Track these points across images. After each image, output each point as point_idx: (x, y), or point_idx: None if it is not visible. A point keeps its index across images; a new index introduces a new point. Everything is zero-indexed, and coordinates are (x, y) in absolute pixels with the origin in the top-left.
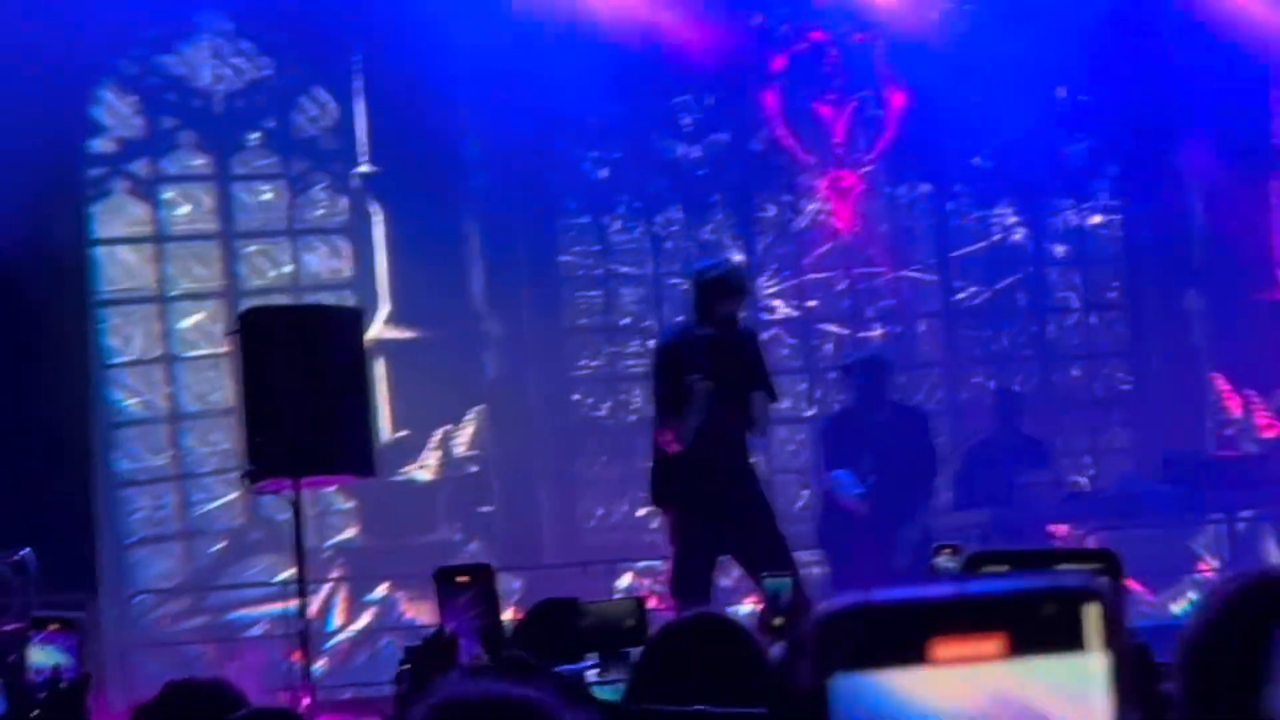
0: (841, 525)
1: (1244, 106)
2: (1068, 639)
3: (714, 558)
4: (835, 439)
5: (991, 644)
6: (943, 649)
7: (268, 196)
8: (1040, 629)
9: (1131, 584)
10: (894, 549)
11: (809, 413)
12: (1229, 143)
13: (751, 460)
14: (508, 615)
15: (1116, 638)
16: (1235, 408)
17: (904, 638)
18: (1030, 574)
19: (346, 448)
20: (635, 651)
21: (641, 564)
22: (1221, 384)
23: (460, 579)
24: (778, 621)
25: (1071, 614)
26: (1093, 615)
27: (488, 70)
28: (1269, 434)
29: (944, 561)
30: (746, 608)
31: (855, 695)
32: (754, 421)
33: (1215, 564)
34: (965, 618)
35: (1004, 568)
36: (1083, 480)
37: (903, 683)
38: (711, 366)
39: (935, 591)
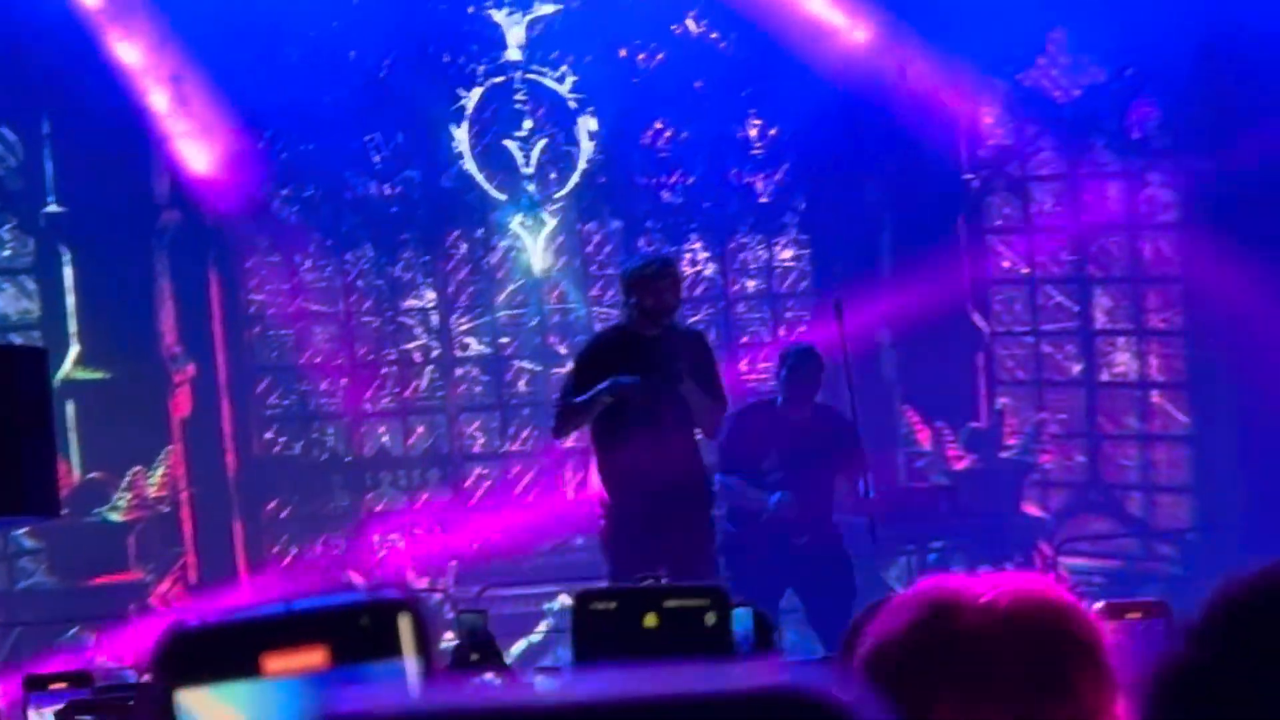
0: (746, 534)
1: (934, 141)
2: (385, 647)
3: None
4: (738, 431)
5: (317, 655)
6: (273, 662)
7: None
8: (360, 639)
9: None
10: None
11: (504, 449)
12: (918, 177)
13: (700, 471)
14: None
15: (427, 644)
16: (926, 440)
17: (239, 653)
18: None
19: (30, 489)
20: None
21: None
22: (912, 416)
23: (54, 686)
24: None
25: (387, 624)
26: (405, 625)
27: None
28: (959, 466)
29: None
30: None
31: (196, 708)
32: (699, 425)
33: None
34: (292, 632)
35: (611, 604)
36: None
37: (239, 695)
38: (647, 367)
39: (266, 610)
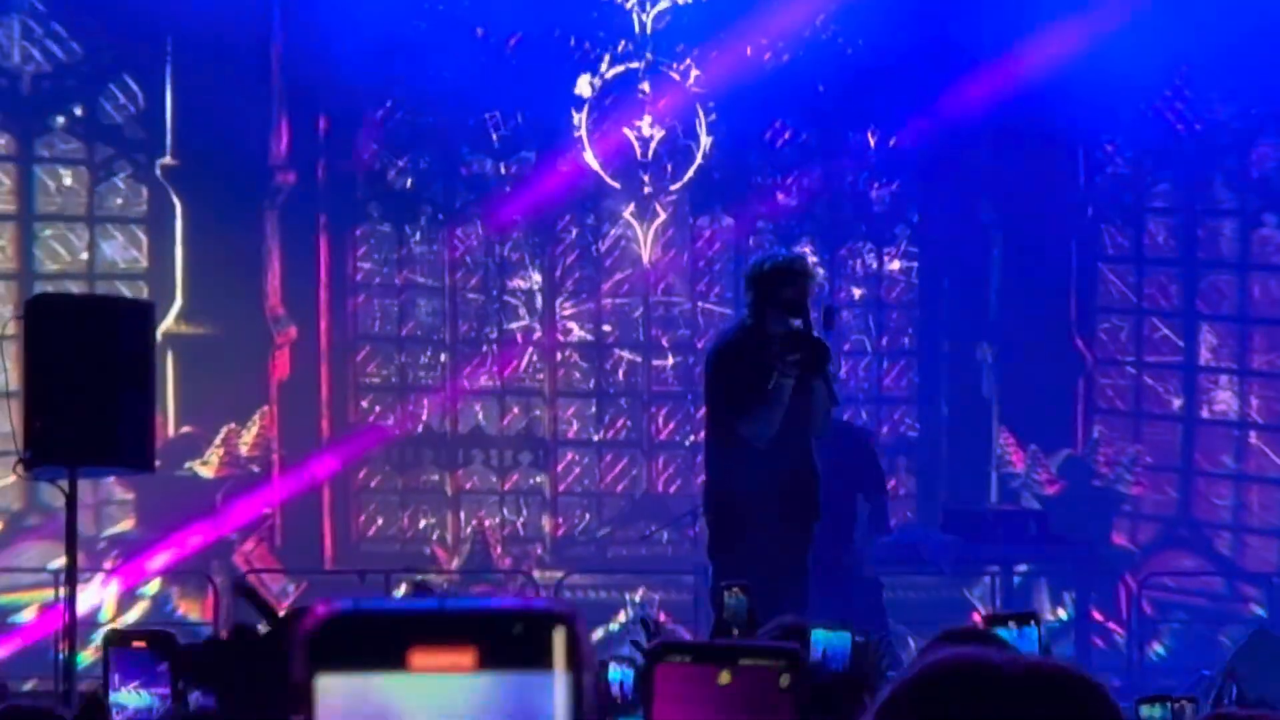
0: None
1: (1052, 165)
2: (535, 657)
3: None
4: None
5: (465, 656)
6: (420, 657)
7: (69, 181)
8: (510, 646)
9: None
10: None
11: (597, 436)
12: (1033, 200)
13: (810, 476)
14: None
15: (580, 660)
16: (1019, 462)
17: (386, 644)
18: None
19: (125, 441)
20: None
21: (419, 577)
22: (1007, 438)
23: (136, 644)
24: None
25: (540, 635)
26: (559, 638)
27: (298, 70)
28: (1050, 490)
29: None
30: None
31: (338, 694)
32: (814, 421)
33: (987, 614)
34: (442, 630)
35: (687, 657)
36: None
37: (382, 685)
38: (767, 364)
39: (417, 605)
